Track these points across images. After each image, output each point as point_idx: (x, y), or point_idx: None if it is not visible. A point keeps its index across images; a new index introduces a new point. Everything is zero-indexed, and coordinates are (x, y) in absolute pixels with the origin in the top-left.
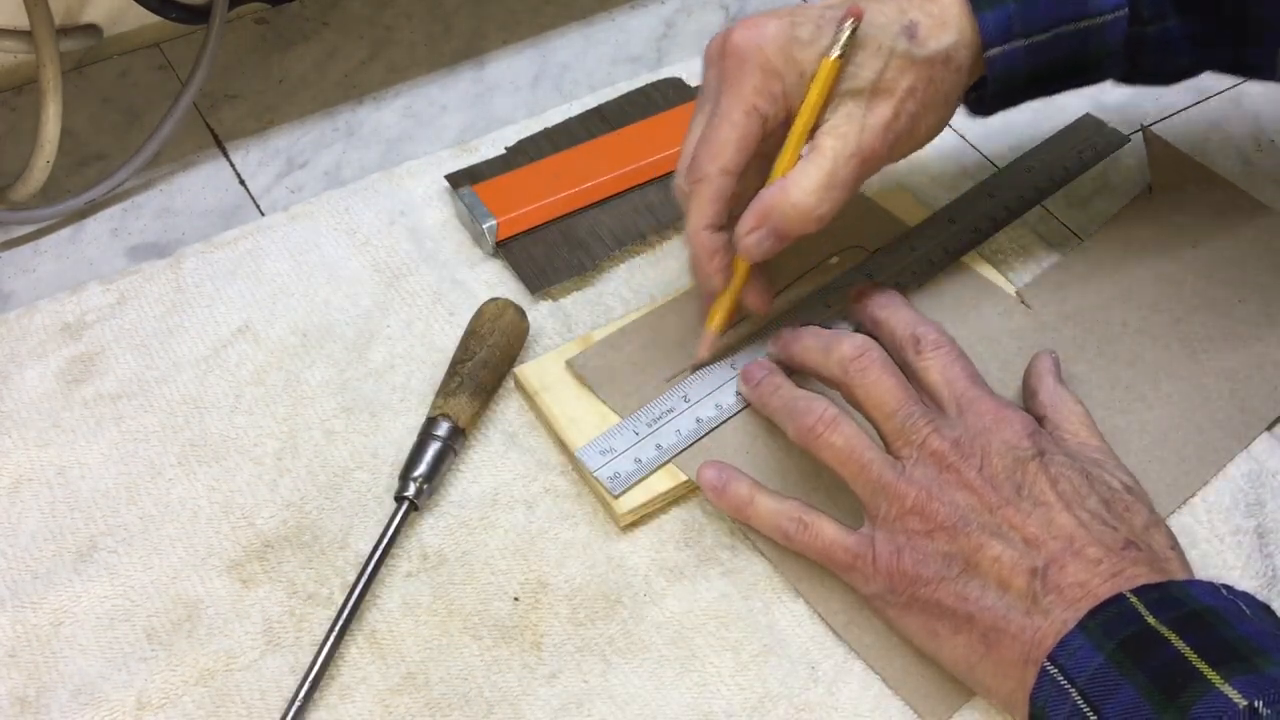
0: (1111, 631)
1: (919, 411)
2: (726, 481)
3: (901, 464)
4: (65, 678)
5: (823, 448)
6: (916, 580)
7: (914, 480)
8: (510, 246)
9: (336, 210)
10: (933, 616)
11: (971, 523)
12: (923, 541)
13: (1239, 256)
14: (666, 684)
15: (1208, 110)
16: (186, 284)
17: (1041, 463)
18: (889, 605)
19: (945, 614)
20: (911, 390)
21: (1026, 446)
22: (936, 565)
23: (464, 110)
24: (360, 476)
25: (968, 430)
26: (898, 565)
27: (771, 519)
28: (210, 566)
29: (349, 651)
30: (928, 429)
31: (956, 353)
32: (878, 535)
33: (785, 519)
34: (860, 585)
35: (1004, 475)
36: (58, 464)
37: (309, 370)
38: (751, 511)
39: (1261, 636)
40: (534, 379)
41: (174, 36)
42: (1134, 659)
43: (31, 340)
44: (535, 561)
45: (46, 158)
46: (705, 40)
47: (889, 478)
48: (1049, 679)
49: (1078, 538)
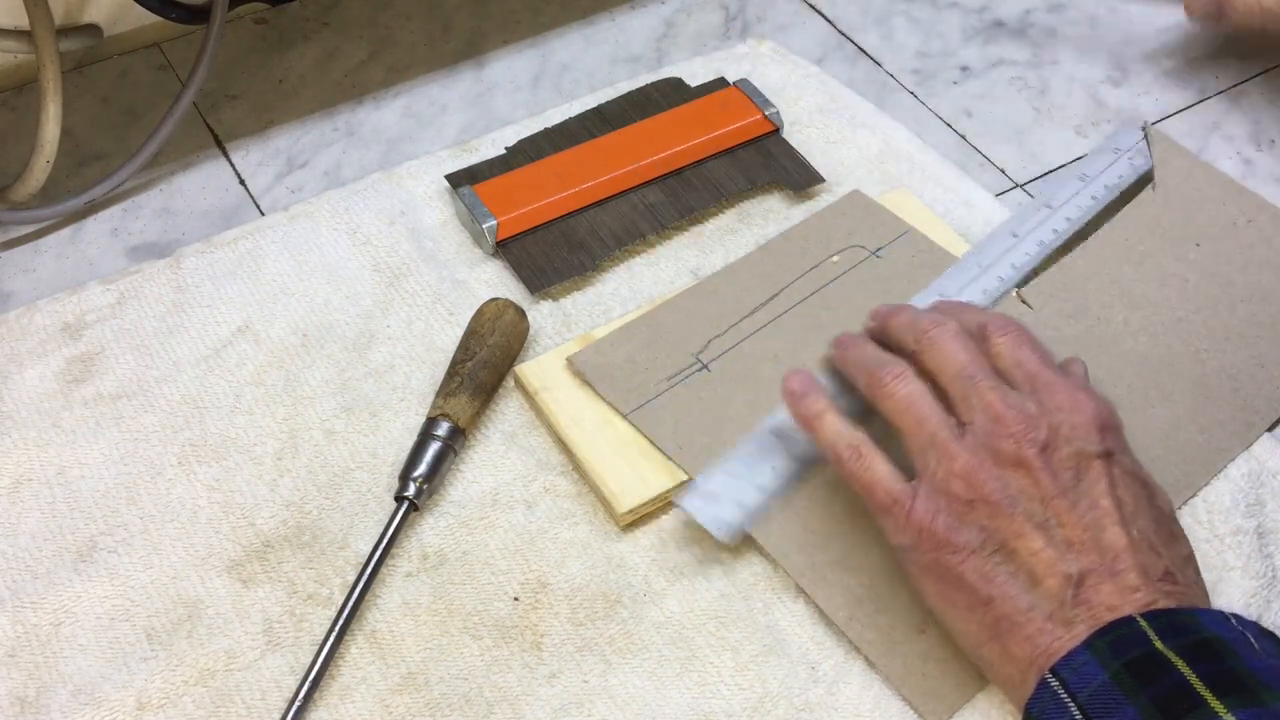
0: (1118, 652)
1: (986, 374)
2: (807, 392)
3: (961, 427)
4: (65, 678)
5: (885, 398)
6: (945, 545)
7: (967, 444)
8: (510, 246)
9: (336, 210)
10: (951, 586)
11: (1019, 506)
12: (962, 509)
13: (1242, 256)
14: (666, 684)
15: (1208, 110)
16: (186, 284)
17: (1106, 464)
18: (912, 561)
19: (964, 588)
20: (984, 360)
21: (1095, 441)
22: (969, 536)
23: (464, 110)
24: (360, 476)
25: (1038, 406)
26: (929, 524)
27: (833, 438)
28: (210, 566)
29: (349, 651)
30: (992, 393)
31: (1027, 336)
32: (921, 489)
33: (845, 443)
34: (890, 533)
35: (1065, 464)
36: (58, 464)
37: (309, 370)
38: (819, 424)
39: (1268, 671)
40: (534, 378)
41: (174, 36)
42: (1139, 681)
43: (31, 340)
44: (535, 561)
45: (46, 158)
46: (705, 40)
47: (943, 435)
48: (1049, 691)
49: (1122, 558)
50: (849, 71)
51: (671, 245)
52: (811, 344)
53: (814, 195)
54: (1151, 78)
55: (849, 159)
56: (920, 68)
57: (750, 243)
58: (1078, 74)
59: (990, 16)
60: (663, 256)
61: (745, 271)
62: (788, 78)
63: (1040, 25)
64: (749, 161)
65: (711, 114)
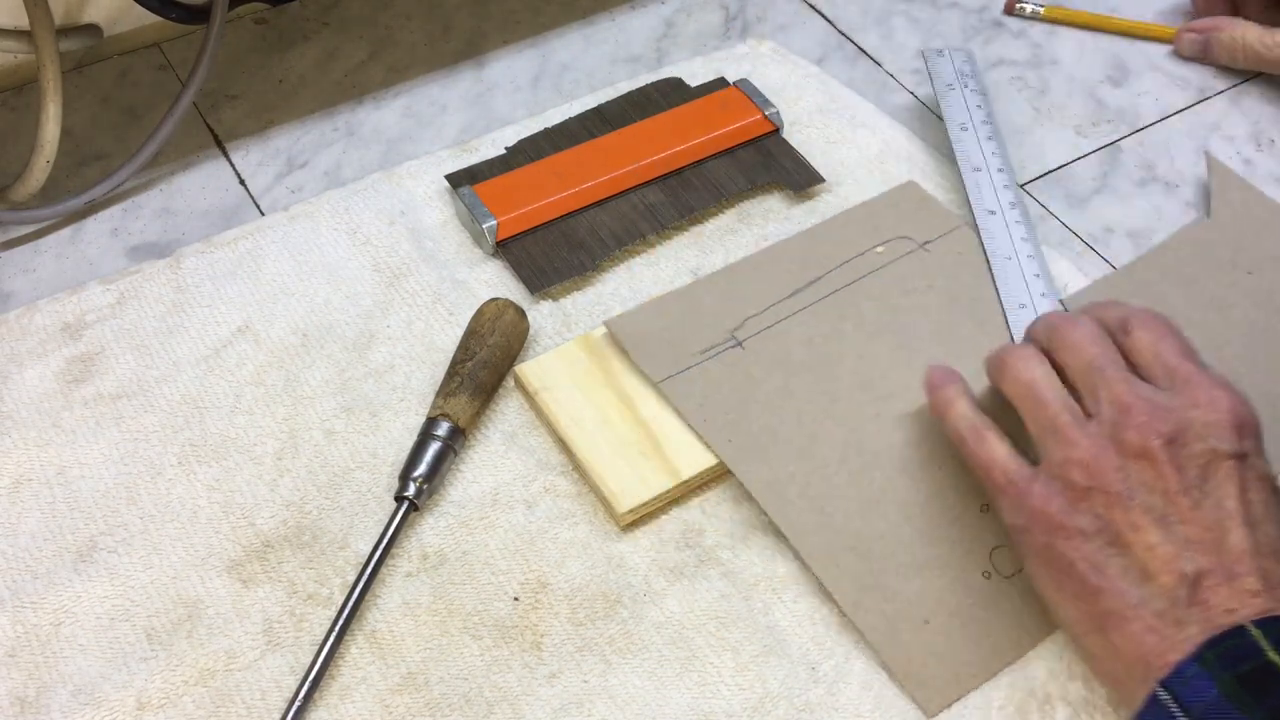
0: (1229, 664)
1: (1115, 365)
2: (946, 383)
3: (1085, 414)
4: (65, 678)
5: (1008, 380)
6: (1058, 530)
7: (1089, 431)
8: (510, 246)
9: (336, 210)
10: (1061, 571)
11: (1138, 498)
12: (1078, 496)
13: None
14: (666, 684)
15: (1208, 110)
16: (186, 284)
17: (1239, 465)
18: (1024, 543)
19: (1074, 575)
20: (1114, 352)
21: (1230, 440)
22: (1084, 523)
23: (464, 110)
24: (360, 476)
25: (1171, 400)
26: (1044, 507)
27: (959, 421)
28: (210, 566)
29: (349, 651)
30: (1121, 384)
31: (1169, 328)
32: (1040, 474)
33: (969, 426)
34: (1005, 513)
35: (1193, 460)
36: (58, 464)
37: (309, 370)
38: (949, 411)
39: None
40: (534, 378)
41: (174, 36)
42: (1254, 694)
43: (31, 340)
44: (535, 561)
45: (46, 158)
46: (705, 40)
47: (1064, 420)
48: (1160, 706)
49: (1243, 561)
50: (849, 71)
51: (671, 245)
52: (848, 332)
53: (814, 195)
54: (1151, 78)
55: (849, 159)
56: (920, 68)
57: (750, 243)
58: (1078, 74)
59: (990, 16)
60: (663, 256)
61: (787, 254)
62: (788, 78)
63: (1040, 25)
64: (749, 161)
65: (711, 114)
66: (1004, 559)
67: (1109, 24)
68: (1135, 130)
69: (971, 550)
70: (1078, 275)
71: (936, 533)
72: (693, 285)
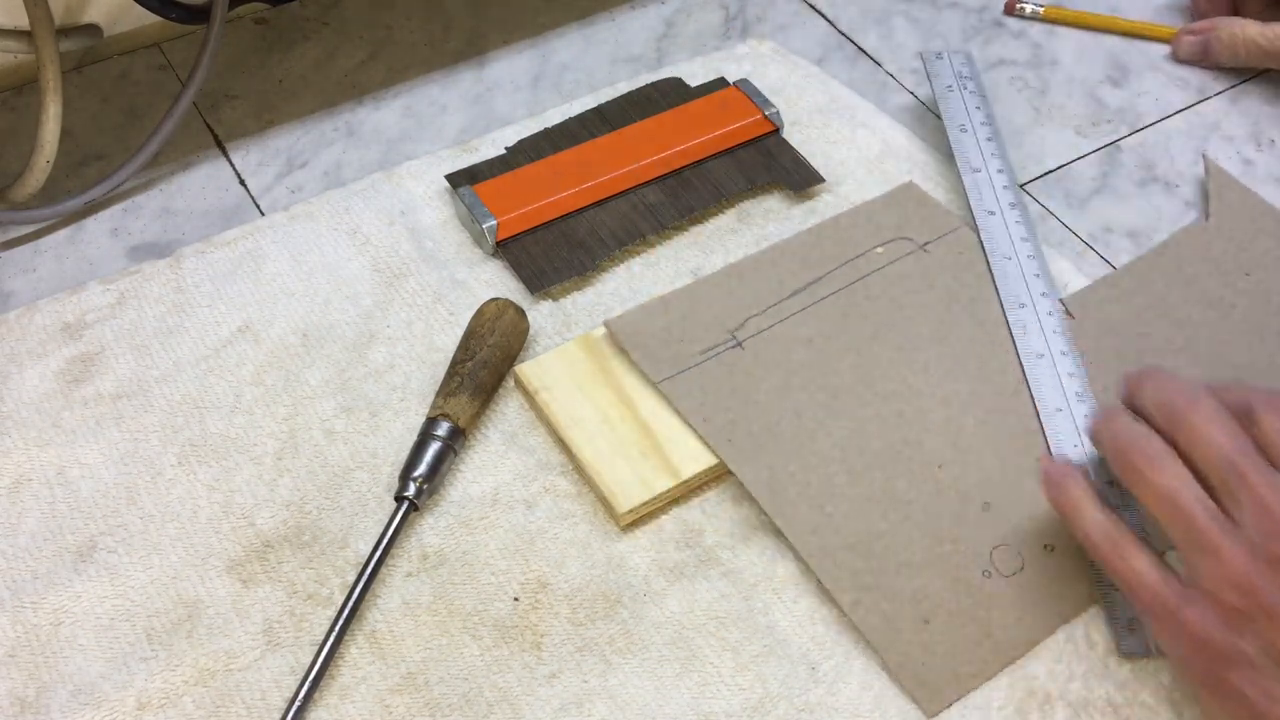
0: None
1: (1252, 462)
2: (1067, 480)
3: (1230, 521)
4: (65, 678)
5: (1141, 485)
6: (1219, 658)
7: (1241, 542)
8: (510, 246)
9: (336, 210)
10: (1235, 702)
11: None
12: (1238, 620)
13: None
14: (666, 684)
15: (1208, 110)
16: (186, 284)
17: None
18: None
19: (1245, 703)
20: (1249, 439)
21: None
22: (1248, 649)
23: (464, 110)
24: (360, 476)
25: None
26: (1203, 634)
27: (1093, 530)
28: (210, 566)
29: (349, 651)
30: (1264, 486)
31: None
32: (1190, 594)
33: (1105, 537)
34: (1158, 634)
35: None
36: (58, 464)
37: (309, 370)
38: (1077, 517)
39: None
40: (534, 378)
41: (174, 36)
42: None
43: (31, 340)
44: (535, 561)
45: (46, 158)
46: (705, 40)
47: (1213, 534)
48: None
49: None
50: (849, 71)
51: (671, 245)
52: (848, 333)
53: (814, 195)
54: (1151, 78)
55: (849, 159)
56: (920, 68)
57: (750, 243)
58: (1077, 74)
59: (990, 16)
60: (663, 256)
61: (787, 254)
62: (788, 78)
63: (1040, 25)
64: (749, 161)
65: (711, 114)
66: (1004, 558)
67: (1109, 24)
68: (1135, 130)
69: (971, 550)
70: (1078, 275)
71: (937, 533)
72: (693, 285)
